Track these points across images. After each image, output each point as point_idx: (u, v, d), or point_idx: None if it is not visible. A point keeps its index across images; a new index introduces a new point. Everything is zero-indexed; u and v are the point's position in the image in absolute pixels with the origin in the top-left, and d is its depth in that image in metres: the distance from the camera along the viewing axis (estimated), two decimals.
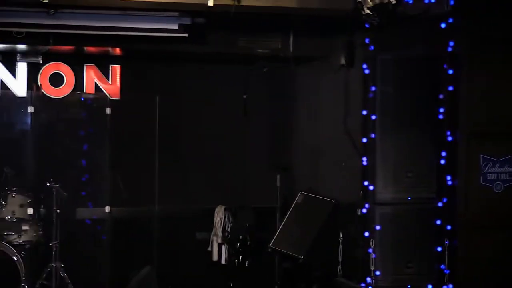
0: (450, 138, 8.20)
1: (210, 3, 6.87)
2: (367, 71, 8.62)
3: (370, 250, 8.46)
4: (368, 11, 7.11)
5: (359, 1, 7.09)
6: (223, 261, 11.37)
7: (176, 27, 8.53)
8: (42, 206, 10.08)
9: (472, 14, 7.91)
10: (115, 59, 11.08)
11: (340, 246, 9.44)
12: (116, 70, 11.16)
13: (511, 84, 8.10)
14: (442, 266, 8.22)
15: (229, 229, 11.40)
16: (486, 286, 7.95)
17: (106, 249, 10.80)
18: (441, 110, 8.26)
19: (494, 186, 8.05)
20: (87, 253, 10.68)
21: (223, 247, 11.37)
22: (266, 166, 11.92)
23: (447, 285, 8.13)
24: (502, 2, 6.61)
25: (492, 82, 8.05)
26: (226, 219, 11.43)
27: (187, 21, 8.42)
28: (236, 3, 6.90)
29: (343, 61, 9.67)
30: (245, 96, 11.76)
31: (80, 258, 10.45)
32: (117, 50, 10.54)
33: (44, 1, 7.37)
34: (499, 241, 7.96)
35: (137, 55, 11.03)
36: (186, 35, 8.52)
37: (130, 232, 11.23)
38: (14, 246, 9.40)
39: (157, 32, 8.77)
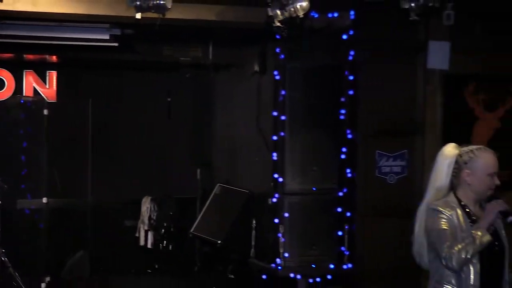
0: (350, 136, 8.26)
1: (138, 16, 6.84)
2: (277, 77, 8.62)
3: (280, 235, 8.47)
4: (278, 24, 7.15)
5: (270, 15, 7.12)
6: (149, 246, 11.40)
7: (107, 37, 8.50)
8: None
9: (369, 27, 8.00)
10: (52, 66, 11.07)
11: (253, 231, 9.46)
12: (53, 75, 11.16)
13: (400, 88, 8.19)
14: (343, 248, 8.27)
15: (154, 217, 11.41)
16: (380, 265, 8.03)
17: (44, 236, 10.65)
18: (342, 111, 8.31)
19: (388, 177, 8.15)
20: (26, 240, 10.53)
21: (149, 233, 11.39)
22: (188, 162, 11.95)
23: (346, 264, 8.19)
24: (393, 16, 6.69)
25: (385, 87, 8.14)
26: (152, 208, 11.44)
27: (117, 32, 8.40)
28: (161, 16, 6.87)
29: (256, 68, 9.72)
30: (169, 100, 11.79)
31: (20, 244, 10.31)
32: (54, 58, 10.51)
33: None
34: (391, 226, 8.07)
35: (72, 62, 11.00)
36: (116, 44, 8.49)
37: (65, 220, 11.13)
38: None
39: (90, 41, 8.74)
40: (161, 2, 6.72)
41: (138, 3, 6.72)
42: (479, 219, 4.68)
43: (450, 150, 4.85)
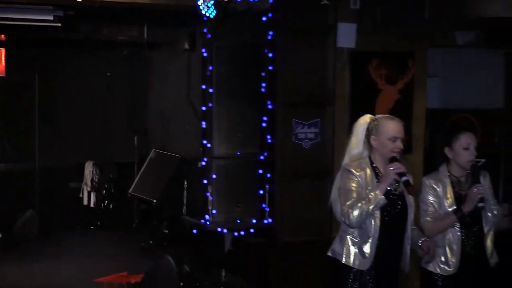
0: (270, 107, 8.29)
1: None
2: (205, 54, 8.63)
3: (208, 194, 8.50)
4: (205, 7, 7.14)
5: None
6: (92, 205, 11.42)
7: (51, 18, 8.37)
8: None
9: (286, 10, 8.04)
10: (1, 44, 10.83)
11: (185, 191, 9.52)
12: (1, 52, 10.88)
13: (313, 64, 8.26)
14: (264, 205, 8.32)
15: (96, 179, 11.42)
16: (296, 219, 8.12)
17: None
18: (263, 84, 8.34)
19: (303, 143, 8.19)
20: None
21: (92, 194, 11.41)
22: (126, 130, 11.97)
23: (267, 219, 8.26)
24: (307, 1, 6.75)
25: (300, 62, 8.20)
26: (94, 171, 11.44)
27: (60, 13, 8.27)
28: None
29: (186, 46, 9.75)
30: (108, 74, 11.76)
31: None
32: (2, 36, 10.33)
33: None
34: (305, 185, 8.14)
35: (20, 41, 10.81)
36: (59, 24, 8.37)
37: (15, 183, 11.08)
38: None
39: (35, 22, 8.59)
40: None
41: None
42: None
43: (363, 119, 4.97)
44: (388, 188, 4.74)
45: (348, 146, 4.99)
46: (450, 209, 5.11)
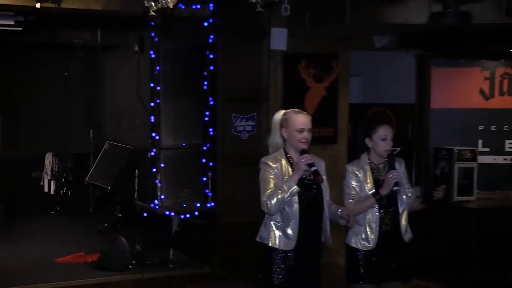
0: (211, 102, 8.30)
1: (38, 6, 6.69)
2: (153, 56, 8.60)
3: (157, 181, 8.47)
4: (153, 13, 7.11)
5: (146, 6, 7.06)
6: (52, 192, 11.26)
7: (12, 23, 8.22)
8: None
9: (226, 16, 8.05)
10: None
11: (136, 179, 9.46)
12: None
13: (250, 64, 8.28)
14: (207, 191, 8.34)
15: (56, 169, 11.27)
16: (235, 202, 8.14)
17: None
18: (205, 83, 8.34)
19: (241, 135, 8.22)
20: None
21: (52, 182, 11.26)
22: (82, 124, 11.86)
23: (210, 203, 8.28)
24: (244, 8, 6.74)
25: (238, 63, 8.22)
26: (54, 162, 11.31)
27: (20, 18, 8.13)
28: (57, 6, 6.74)
29: (136, 48, 9.66)
30: (66, 74, 11.66)
31: None
32: None
33: None
34: (243, 173, 8.13)
35: None
36: (20, 29, 8.23)
37: None
38: None
39: None
40: None
41: None
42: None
43: (277, 114, 5.00)
44: (303, 175, 4.79)
45: (269, 140, 5.03)
46: (370, 192, 5.17)
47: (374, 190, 5.15)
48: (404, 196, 5.26)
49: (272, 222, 4.84)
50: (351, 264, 5.28)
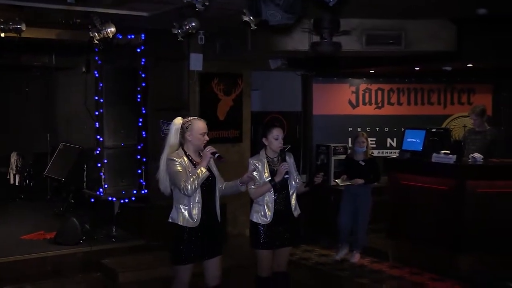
0: (144, 111, 8.21)
1: (2, 35, 6.40)
2: (97, 75, 8.45)
3: (101, 174, 8.32)
4: (96, 41, 6.92)
5: (91, 36, 6.86)
6: (16, 184, 10.90)
7: None
8: None
9: (154, 43, 7.94)
10: None
11: (85, 172, 9.27)
12: None
13: (174, 81, 8.21)
14: (141, 180, 8.25)
15: (20, 165, 10.89)
16: None
17: None
18: (139, 96, 8.23)
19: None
20: None
21: (16, 176, 10.90)
22: (41, 129, 11.55)
23: (143, 190, 8.19)
24: (169, 37, 6.64)
25: (164, 80, 8.14)
26: (18, 159, 10.94)
27: None
28: (18, 35, 6.45)
29: (84, 69, 9.53)
30: (26, 89, 11.35)
31: None
32: None
33: None
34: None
35: None
36: None
37: None
38: None
39: None
40: (18, 26, 6.33)
41: (2, 26, 6.31)
42: (199, 162, 4.67)
43: (177, 121, 4.78)
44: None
45: (167, 141, 4.76)
46: (267, 180, 5.16)
47: (270, 178, 5.14)
48: (293, 182, 5.27)
49: (180, 206, 4.69)
50: (254, 235, 5.24)
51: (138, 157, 8.28)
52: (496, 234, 6.62)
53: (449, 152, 6.93)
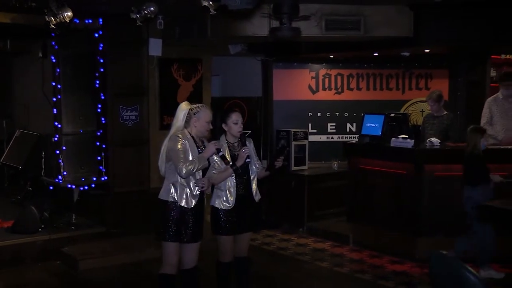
0: (102, 97, 8.02)
1: None
2: (54, 60, 8.28)
3: (60, 161, 8.18)
4: (53, 26, 6.73)
5: (47, 20, 6.67)
6: None
7: None
8: None
9: (112, 28, 7.79)
10: None
11: (43, 159, 9.07)
12: None
13: (133, 67, 8.07)
14: (101, 167, 8.08)
15: None
16: (124, 176, 7.96)
17: None
18: (97, 81, 8.04)
19: (127, 122, 7.98)
20: None
21: None
22: None
23: (103, 177, 8.03)
24: (128, 22, 6.50)
25: (123, 66, 7.98)
26: None
27: None
28: None
29: (40, 54, 9.31)
30: None
31: None
32: None
33: None
34: (129, 152, 8.01)
35: None
36: None
37: None
38: None
39: None
40: None
41: None
42: (203, 148, 4.95)
43: (184, 105, 5.01)
44: (200, 151, 4.94)
45: (174, 124, 4.96)
46: (228, 165, 5.13)
47: (231, 163, 5.10)
48: (254, 167, 5.25)
49: (180, 183, 4.88)
50: (215, 220, 5.21)
51: (98, 143, 8.13)
52: (453, 217, 6.74)
53: (407, 136, 7.01)
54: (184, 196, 4.88)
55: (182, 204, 4.87)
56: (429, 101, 7.70)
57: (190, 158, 4.82)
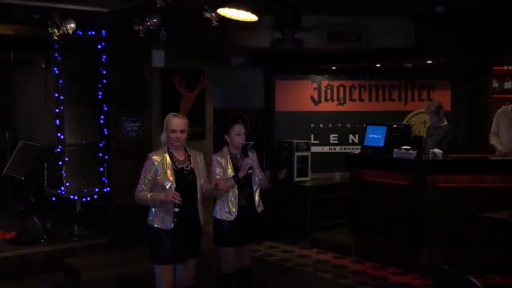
0: (105, 108, 8.07)
1: None
2: (57, 72, 8.29)
3: (63, 172, 8.17)
4: (56, 38, 6.80)
5: (50, 32, 6.73)
6: None
7: None
8: None
9: (115, 40, 7.83)
10: None
11: (46, 170, 9.10)
12: None
13: (136, 78, 8.10)
14: (103, 178, 8.11)
15: None
16: (126, 187, 7.95)
17: None
18: (100, 93, 8.09)
19: (130, 133, 8.01)
20: None
21: None
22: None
23: (106, 188, 8.07)
24: (131, 34, 6.56)
25: (126, 77, 8.03)
26: None
27: None
28: None
29: (43, 65, 9.28)
30: None
31: None
32: None
33: None
34: (131, 164, 7.82)
35: None
36: None
37: None
38: None
39: None
40: None
41: None
42: (181, 160, 4.67)
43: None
44: (181, 166, 4.64)
45: (160, 137, 4.80)
46: (230, 176, 5.14)
47: (234, 174, 5.12)
48: (256, 178, 5.27)
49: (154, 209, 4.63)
50: (217, 232, 5.22)
51: (100, 155, 8.15)
52: (455, 227, 6.73)
53: (409, 148, 7.02)
54: (161, 215, 4.56)
55: (159, 226, 4.56)
56: (428, 113, 7.74)
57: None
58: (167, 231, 4.54)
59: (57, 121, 8.40)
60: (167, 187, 4.53)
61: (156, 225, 4.58)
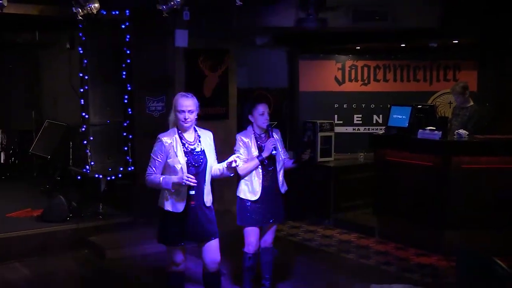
0: (129, 88, 8.13)
1: None
2: (81, 52, 8.30)
3: (87, 151, 8.25)
4: (80, 18, 6.82)
5: (75, 12, 6.75)
6: (2, 161, 10.80)
7: None
8: None
9: (138, 19, 7.83)
10: None
11: (71, 149, 9.23)
12: None
13: (160, 58, 8.08)
14: (127, 157, 8.21)
15: (5, 142, 10.84)
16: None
17: None
18: (124, 72, 8.14)
19: (153, 113, 8.00)
20: None
21: (2, 153, 10.83)
22: (25, 106, 11.46)
23: (130, 167, 8.17)
24: (154, 13, 6.55)
25: (150, 57, 8.05)
26: (3, 137, 10.89)
27: None
28: (0, 11, 6.33)
29: (68, 46, 9.43)
30: (10, 66, 11.24)
31: None
32: None
33: None
34: (154, 142, 8.05)
35: None
36: None
37: None
38: None
39: None
40: (0, 1, 6.17)
41: None
42: (191, 142, 4.56)
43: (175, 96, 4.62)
44: (192, 148, 4.52)
45: (169, 117, 4.70)
46: (254, 155, 5.15)
47: (257, 154, 5.13)
48: (280, 158, 5.27)
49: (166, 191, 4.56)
50: (241, 211, 5.25)
51: (124, 134, 8.22)
52: (480, 209, 6.68)
53: (434, 128, 6.96)
54: (171, 201, 4.50)
55: (170, 209, 4.51)
56: (453, 93, 7.65)
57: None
58: (177, 214, 4.51)
59: (82, 100, 8.47)
60: (178, 169, 4.46)
61: (167, 208, 4.53)
